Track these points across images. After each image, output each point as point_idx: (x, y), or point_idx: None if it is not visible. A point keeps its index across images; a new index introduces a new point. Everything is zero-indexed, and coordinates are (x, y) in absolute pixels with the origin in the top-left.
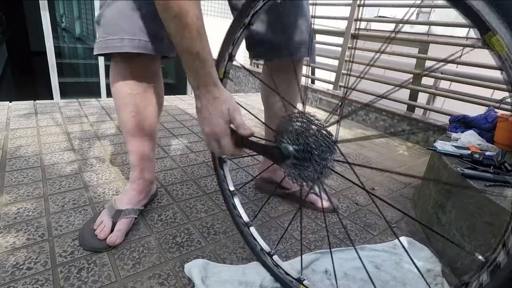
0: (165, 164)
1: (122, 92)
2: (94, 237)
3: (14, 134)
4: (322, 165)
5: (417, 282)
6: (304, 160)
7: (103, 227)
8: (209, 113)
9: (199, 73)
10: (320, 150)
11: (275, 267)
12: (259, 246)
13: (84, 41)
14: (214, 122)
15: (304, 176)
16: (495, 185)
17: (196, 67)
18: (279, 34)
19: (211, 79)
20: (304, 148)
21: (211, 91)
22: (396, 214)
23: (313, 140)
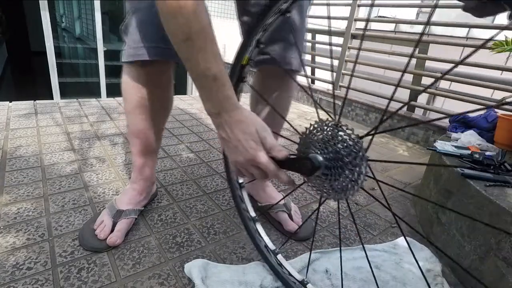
0: (165, 164)
1: (135, 96)
2: (94, 237)
3: (14, 134)
4: (349, 180)
5: (417, 282)
6: (332, 173)
7: (103, 227)
8: (237, 139)
9: (218, 97)
10: (350, 164)
11: (279, 266)
12: (264, 243)
13: (84, 41)
14: (246, 147)
15: (329, 188)
16: (495, 185)
17: (214, 92)
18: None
19: (232, 102)
20: (335, 160)
21: (234, 116)
22: (397, 213)
23: (345, 152)
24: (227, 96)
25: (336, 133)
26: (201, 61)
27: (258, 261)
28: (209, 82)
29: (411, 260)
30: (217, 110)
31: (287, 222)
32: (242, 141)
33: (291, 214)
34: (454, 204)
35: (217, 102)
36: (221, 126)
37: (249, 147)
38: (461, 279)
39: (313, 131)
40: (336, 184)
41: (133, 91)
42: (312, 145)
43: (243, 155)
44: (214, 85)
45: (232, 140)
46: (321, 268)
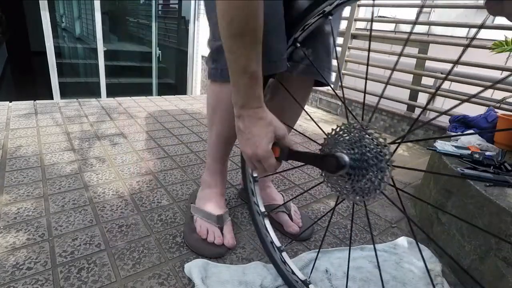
0: (165, 164)
1: (229, 106)
2: (212, 245)
3: (14, 134)
4: (371, 183)
5: (417, 282)
6: (356, 174)
7: (214, 234)
8: (252, 134)
9: (249, 94)
10: (374, 167)
11: (282, 263)
12: (270, 239)
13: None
14: (258, 143)
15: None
16: (495, 185)
17: (247, 88)
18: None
19: (259, 100)
20: (361, 162)
21: (256, 113)
22: (397, 214)
23: (370, 155)
24: (257, 95)
25: (363, 136)
26: (244, 57)
27: (258, 261)
28: (245, 78)
29: (411, 260)
30: (242, 103)
31: (287, 223)
32: (256, 137)
33: (291, 214)
34: (454, 204)
35: (246, 97)
36: (241, 117)
37: (259, 145)
38: (461, 279)
39: (340, 132)
40: (358, 186)
41: (229, 101)
42: (339, 145)
43: (252, 149)
44: (249, 82)
45: (247, 133)
46: (321, 267)
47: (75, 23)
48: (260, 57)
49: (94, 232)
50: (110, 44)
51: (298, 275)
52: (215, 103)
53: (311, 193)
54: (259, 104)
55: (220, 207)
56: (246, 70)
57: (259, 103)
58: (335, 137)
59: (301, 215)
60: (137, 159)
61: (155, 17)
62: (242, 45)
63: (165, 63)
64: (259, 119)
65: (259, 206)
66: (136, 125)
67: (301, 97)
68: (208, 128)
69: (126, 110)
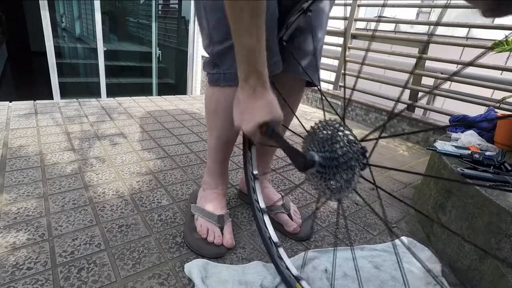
0: (165, 164)
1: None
2: (212, 245)
3: (14, 134)
4: (345, 182)
5: (415, 282)
6: (328, 173)
7: (214, 234)
8: (246, 111)
9: (250, 68)
10: (348, 167)
11: (279, 258)
12: (268, 235)
13: (84, 41)
14: (247, 121)
15: (324, 186)
16: (495, 185)
17: (248, 61)
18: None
19: (261, 78)
20: (332, 162)
21: (256, 91)
22: (397, 214)
23: (344, 156)
24: (258, 71)
25: (335, 133)
26: (245, 29)
27: (258, 261)
28: (246, 51)
29: (411, 260)
30: (245, 77)
31: (287, 223)
32: (248, 114)
33: (291, 214)
34: (454, 204)
35: (247, 71)
36: (242, 89)
37: (247, 124)
38: (461, 279)
39: (316, 130)
40: (331, 184)
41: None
42: (312, 143)
43: (240, 122)
44: (250, 55)
45: (242, 107)
46: (321, 267)
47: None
48: (262, 36)
49: (94, 232)
50: (110, 44)
51: (292, 270)
52: (214, 107)
53: (311, 193)
54: (260, 82)
55: (221, 207)
56: (247, 43)
57: (260, 81)
58: (311, 134)
59: (301, 215)
60: (137, 159)
61: (155, 17)
62: (244, 15)
63: (165, 63)
64: (257, 100)
65: (259, 203)
66: (136, 125)
67: (295, 96)
68: (208, 131)
69: (126, 110)
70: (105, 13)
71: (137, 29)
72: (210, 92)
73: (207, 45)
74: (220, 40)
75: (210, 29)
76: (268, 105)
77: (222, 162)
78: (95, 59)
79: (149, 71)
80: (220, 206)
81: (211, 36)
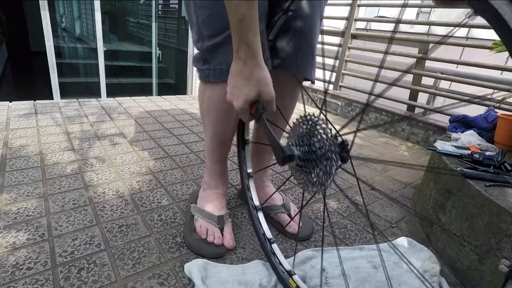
0: (165, 164)
1: (223, 105)
2: (211, 245)
3: (14, 134)
4: (326, 175)
5: (412, 282)
6: (308, 167)
7: (214, 234)
8: (236, 85)
9: (238, 38)
10: (327, 160)
11: (272, 254)
12: (262, 231)
13: (84, 41)
14: (237, 96)
15: (307, 180)
16: (495, 185)
17: (238, 30)
18: None
19: (251, 50)
20: (310, 156)
21: (247, 64)
22: (397, 214)
23: (323, 149)
24: (249, 42)
25: (313, 127)
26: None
27: (258, 260)
28: (237, 19)
29: (410, 260)
30: (236, 48)
31: (287, 223)
32: (237, 89)
33: (290, 214)
34: (454, 204)
35: (238, 41)
36: (234, 62)
37: (237, 99)
38: (461, 279)
39: (297, 125)
40: (311, 177)
41: (221, 103)
42: (293, 137)
43: (231, 97)
44: (240, 23)
45: (233, 81)
46: (319, 266)
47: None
48: (254, 7)
49: (94, 232)
50: (110, 44)
51: (285, 265)
52: (207, 104)
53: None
54: (252, 56)
55: (221, 208)
56: (237, 11)
57: (250, 52)
58: (294, 129)
59: (301, 216)
60: (137, 159)
61: (155, 17)
62: None
63: (165, 63)
64: (248, 75)
65: (254, 201)
66: (136, 125)
67: (289, 94)
68: (204, 130)
69: (126, 110)
70: (105, 13)
71: (137, 29)
72: (202, 89)
73: (196, 41)
74: (210, 35)
75: (199, 25)
76: (258, 82)
77: (220, 162)
78: (95, 59)
79: (149, 71)
80: (220, 206)
81: (201, 32)
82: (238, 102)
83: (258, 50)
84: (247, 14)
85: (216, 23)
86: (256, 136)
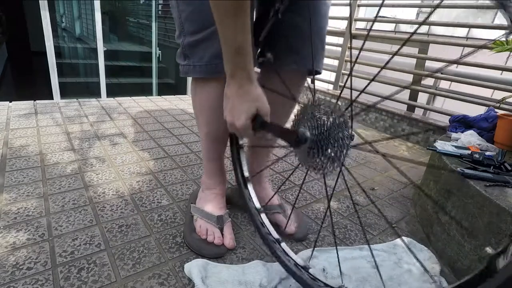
0: (165, 164)
1: (217, 102)
2: (211, 245)
3: (14, 134)
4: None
5: (412, 282)
6: (320, 148)
7: (214, 234)
8: (235, 106)
9: (234, 65)
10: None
11: (284, 253)
12: (268, 232)
13: (84, 41)
14: (238, 116)
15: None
16: (495, 185)
17: (235, 58)
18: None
19: (247, 73)
20: (322, 136)
21: (243, 86)
22: (397, 214)
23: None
24: (243, 66)
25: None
26: (232, 28)
27: (258, 260)
28: (233, 49)
29: (410, 260)
30: (231, 73)
31: (284, 224)
32: (237, 109)
33: (286, 214)
34: (454, 204)
35: (234, 68)
36: (229, 86)
37: (238, 118)
38: (461, 279)
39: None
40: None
41: (212, 101)
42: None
43: (230, 119)
44: (236, 53)
45: (231, 102)
46: (319, 266)
47: (75, 23)
48: (248, 33)
49: (94, 232)
50: (110, 44)
51: (298, 262)
52: (199, 104)
53: (311, 193)
54: (247, 78)
55: (220, 207)
56: (234, 40)
57: (246, 75)
58: (299, 115)
59: (296, 215)
60: (137, 159)
61: (155, 17)
62: (228, 16)
63: (165, 63)
64: (245, 94)
65: (254, 203)
66: (136, 125)
67: (294, 88)
68: (199, 130)
69: (126, 110)
70: (105, 13)
71: (137, 29)
72: (193, 89)
73: (178, 36)
74: (193, 31)
75: (182, 20)
76: (255, 99)
77: (215, 160)
78: (95, 59)
79: (149, 71)
80: (219, 206)
81: (183, 27)
82: (240, 121)
83: (253, 71)
84: (244, 43)
85: (200, 19)
86: (251, 140)
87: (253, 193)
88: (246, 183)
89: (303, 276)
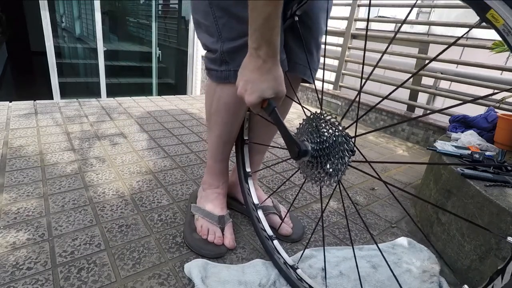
0: (165, 164)
1: (237, 106)
2: (212, 245)
3: (14, 134)
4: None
5: (411, 282)
6: (320, 162)
7: (215, 234)
8: (251, 80)
9: (261, 36)
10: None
11: (275, 251)
12: (263, 228)
13: (84, 41)
14: (249, 91)
15: (316, 175)
16: (495, 185)
17: (261, 30)
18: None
19: (273, 48)
20: (323, 151)
21: (267, 61)
22: (397, 214)
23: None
24: (270, 41)
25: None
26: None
27: (258, 259)
28: (262, 18)
29: (410, 260)
30: (257, 46)
31: (280, 225)
32: (252, 84)
33: (281, 215)
34: (454, 204)
35: (260, 39)
36: (251, 58)
37: (251, 93)
38: (461, 279)
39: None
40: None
41: (231, 104)
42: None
43: (246, 92)
44: (265, 23)
45: (249, 74)
46: (318, 265)
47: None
48: (279, 8)
49: (94, 232)
50: (110, 44)
51: (287, 261)
52: (216, 104)
53: (311, 193)
54: (272, 54)
55: (222, 207)
56: (263, 9)
57: (272, 52)
58: (304, 126)
59: (291, 217)
60: (137, 159)
61: (155, 17)
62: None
63: (165, 63)
64: (267, 71)
65: (253, 199)
66: (136, 125)
67: (290, 92)
68: (208, 129)
69: (126, 110)
70: (105, 13)
71: (137, 29)
72: (212, 90)
73: (213, 42)
74: (232, 37)
75: (219, 26)
76: (275, 80)
77: (222, 161)
78: (95, 59)
79: (149, 71)
80: (221, 206)
81: (220, 33)
82: (251, 97)
83: (278, 49)
84: (273, 13)
85: (239, 25)
86: (251, 136)
87: (253, 189)
88: (247, 177)
89: (290, 275)
